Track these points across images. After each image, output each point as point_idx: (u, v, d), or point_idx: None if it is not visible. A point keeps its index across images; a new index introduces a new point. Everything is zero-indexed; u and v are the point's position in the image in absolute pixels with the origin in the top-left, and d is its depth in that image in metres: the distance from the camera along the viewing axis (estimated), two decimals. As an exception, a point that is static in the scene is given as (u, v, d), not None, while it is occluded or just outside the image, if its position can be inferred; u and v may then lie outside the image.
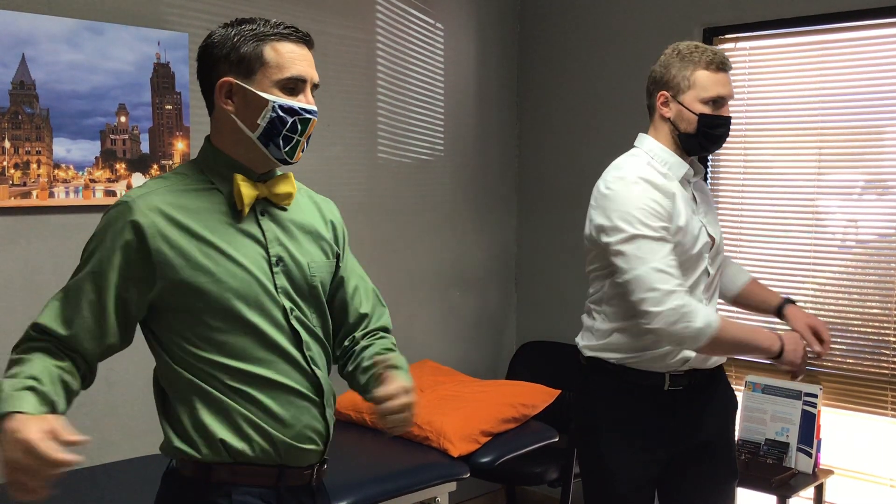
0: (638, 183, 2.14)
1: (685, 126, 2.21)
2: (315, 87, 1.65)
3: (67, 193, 2.77)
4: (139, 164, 2.92)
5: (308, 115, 1.62)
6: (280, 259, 1.65)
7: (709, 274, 2.26)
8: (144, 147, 2.93)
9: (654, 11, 3.67)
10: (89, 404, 2.86)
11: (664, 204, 2.13)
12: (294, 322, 1.65)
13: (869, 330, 3.20)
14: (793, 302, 2.39)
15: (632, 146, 2.34)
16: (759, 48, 3.45)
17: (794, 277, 3.36)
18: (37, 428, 1.35)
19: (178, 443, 1.59)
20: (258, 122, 1.58)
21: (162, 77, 2.94)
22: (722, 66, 2.19)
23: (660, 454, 2.28)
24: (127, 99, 2.87)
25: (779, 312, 2.38)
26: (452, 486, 2.94)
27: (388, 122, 3.69)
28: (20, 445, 1.35)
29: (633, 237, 2.09)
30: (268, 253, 1.64)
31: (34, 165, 2.69)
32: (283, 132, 1.59)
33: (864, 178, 3.22)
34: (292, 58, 1.59)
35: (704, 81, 2.18)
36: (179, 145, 3.00)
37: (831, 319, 3.28)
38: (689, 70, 2.19)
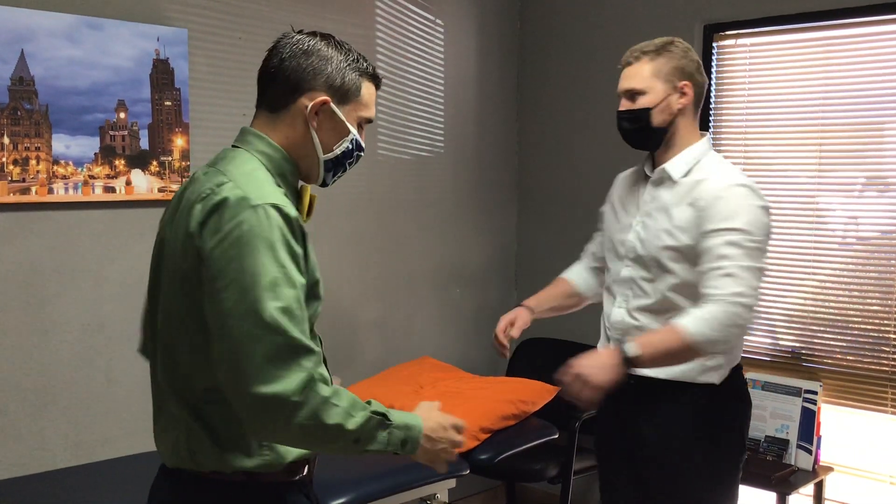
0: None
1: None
2: None
3: (67, 190, 2.76)
4: (138, 160, 2.91)
5: (363, 154, 1.71)
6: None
7: (621, 275, 2.30)
8: (144, 143, 2.92)
9: (655, 9, 3.66)
10: (89, 400, 2.86)
11: (608, 196, 2.43)
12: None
13: (869, 327, 3.20)
14: (621, 349, 2.10)
15: None
16: (760, 45, 3.44)
17: (795, 274, 3.36)
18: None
19: (258, 450, 1.57)
20: (334, 147, 1.64)
21: (161, 73, 2.93)
22: (621, 63, 2.26)
23: (620, 438, 2.34)
24: (126, 95, 2.86)
25: None
26: (452, 482, 2.94)
27: (388, 118, 3.69)
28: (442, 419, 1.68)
29: None
30: None
31: (33, 161, 2.69)
32: (346, 163, 1.68)
33: (865, 175, 3.22)
34: (373, 100, 1.69)
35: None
36: (179, 141, 3.00)
37: (832, 316, 3.28)
38: None
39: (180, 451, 1.58)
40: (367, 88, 1.66)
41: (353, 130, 1.65)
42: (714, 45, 3.54)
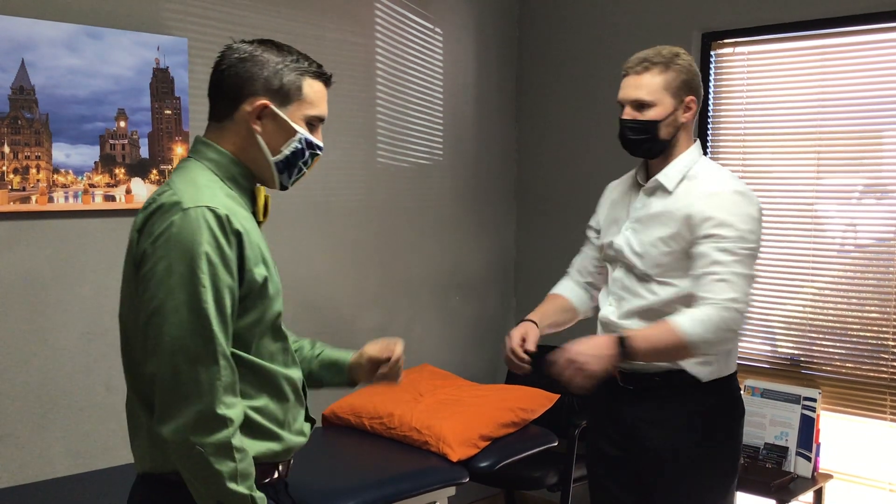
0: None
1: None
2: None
3: (67, 198, 2.77)
4: (138, 169, 2.92)
5: (319, 152, 1.71)
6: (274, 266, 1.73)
7: (612, 276, 2.36)
8: (144, 152, 2.93)
9: (653, 16, 3.68)
10: (89, 408, 2.86)
11: (599, 204, 2.47)
12: (283, 327, 1.72)
13: (868, 334, 3.20)
14: (619, 339, 2.13)
15: None
16: (758, 53, 3.45)
17: (793, 281, 3.37)
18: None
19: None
20: (282, 149, 1.65)
21: (161, 82, 2.94)
22: (624, 70, 2.25)
23: (616, 443, 2.35)
24: (126, 104, 2.87)
25: None
26: (452, 490, 2.94)
27: (387, 126, 3.70)
28: None
29: None
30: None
31: (33, 170, 2.69)
32: (299, 164, 1.68)
33: (863, 182, 3.22)
34: (321, 97, 1.69)
35: (620, 88, 2.27)
36: (179, 150, 3.01)
37: (830, 323, 3.28)
38: None
39: (145, 455, 1.62)
40: (311, 86, 1.66)
41: (301, 130, 1.65)
42: (712, 53, 3.55)
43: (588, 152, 3.91)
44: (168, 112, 2.97)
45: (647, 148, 2.23)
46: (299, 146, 1.66)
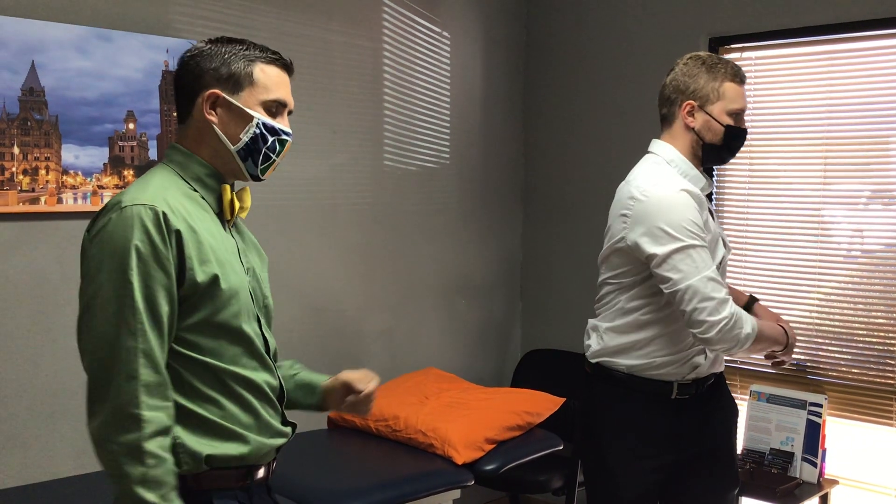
0: (681, 193, 2.16)
1: (711, 137, 2.24)
2: (290, 112, 1.73)
3: (76, 199, 2.78)
4: (147, 170, 2.93)
5: (286, 137, 1.70)
6: (251, 269, 1.73)
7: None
8: (153, 154, 2.94)
9: (660, 21, 3.68)
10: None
11: (702, 214, 2.18)
12: (264, 331, 1.73)
13: (874, 340, 3.20)
14: (757, 300, 2.47)
15: (637, 155, 2.35)
16: (765, 58, 3.45)
17: (800, 287, 3.36)
18: None
19: (180, 456, 1.58)
20: (241, 136, 1.65)
21: (170, 84, 2.94)
22: (744, 78, 2.26)
23: (664, 461, 2.29)
24: (135, 106, 2.89)
25: (748, 308, 2.40)
26: (457, 493, 2.94)
27: (395, 129, 3.71)
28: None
29: (686, 247, 2.11)
30: (242, 263, 1.70)
31: (43, 171, 2.71)
32: (264, 150, 1.67)
33: (870, 188, 3.22)
34: (277, 82, 1.68)
35: (732, 93, 2.22)
36: (187, 152, 3.02)
37: (837, 329, 3.28)
38: (718, 81, 2.21)
39: None
40: (263, 71, 1.65)
41: (257, 115, 1.65)
42: (719, 58, 3.55)
43: (595, 156, 3.91)
44: (176, 114, 2.98)
45: None
46: (258, 131, 1.65)
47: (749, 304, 2.43)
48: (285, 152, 1.71)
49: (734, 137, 2.24)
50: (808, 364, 3.36)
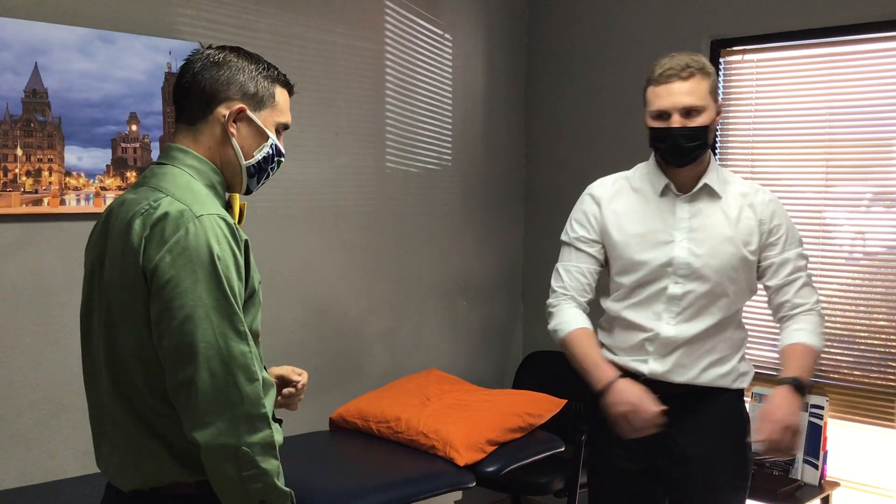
0: (584, 195, 2.44)
1: (650, 139, 2.26)
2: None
3: (78, 201, 2.79)
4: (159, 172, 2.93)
5: (283, 160, 1.76)
6: None
7: (667, 292, 2.27)
8: (155, 155, 2.95)
9: (662, 23, 3.68)
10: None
11: (594, 214, 2.37)
12: None
13: (876, 342, 3.20)
14: (796, 386, 2.16)
15: (638, 157, 2.36)
16: (767, 60, 3.46)
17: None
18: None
19: (173, 464, 1.57)
20: (254, 153, 1.68)
21: (173, 86, 2.96)
22: (664, 78, 2.18)
23: (642, 459, 2.32)
24: (138, 107, 2.89)
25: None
26: (458, 495, 2.94)
27: (397, 131, 3.71)
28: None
29: (561, 242, 2.45)
30: None
31: (46, 173, 2.71)
32: (268, 169, 1.72)
33: (872, 190, 3.22)
34: (288, 106, 1.74)
35: (650, 96, 2.22)
36: (189, 154, 3.02)
37: (838, 331, 3.28)
38: (646, 86, 2.24)
39: (130, 471, 1.58)
40: (281, 94, 1.71)
41: (272, 135, 1.69)
42: (721, 60, 3.55)
43: (597, 157, 3.91)
44: (180, 114, 2.98)
45: (697, 155, 2.21)
46: (270, 151, 1.70)
47: (780, 382, 2.21)
48: (277, 171, 1.76)
49: (657, 139, 2.22)
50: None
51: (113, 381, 1.59)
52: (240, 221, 1.71)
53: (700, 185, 2.26)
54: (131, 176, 2.90)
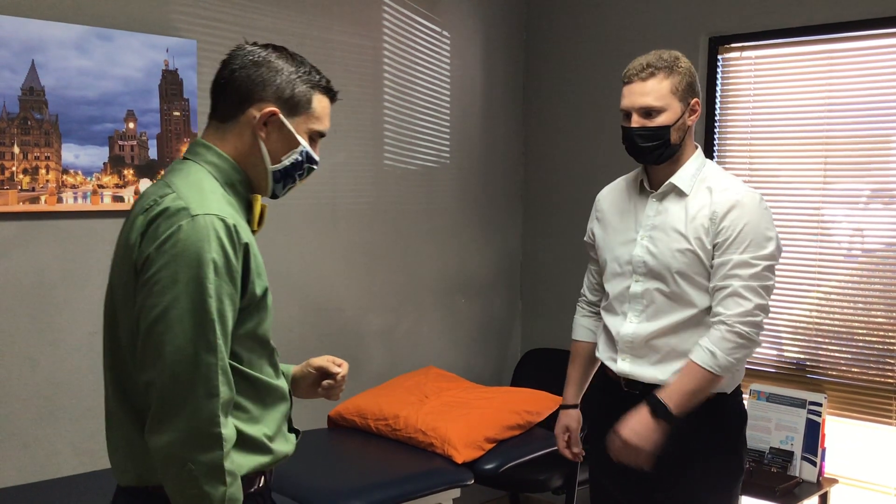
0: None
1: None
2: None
3: (76, 199, 2.78)
4: (147, 170, 2.94)
5: (315, 167, 1.70)
6: None
7: (629, 290, 2.29)
8: (152, 153, 2.94)
9: (660, 21, 3.68)
10: (97, 408, 2.87)
11: (591, 218, 2.47)
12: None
13: (874, 339, 3.20)
14: (652, 406, 2.16)
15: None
16: (765, 57, 3.46)
17: (800, 286, 3.37)
18: None
19: None
20: (283, 158, 1.63)
21: (170, 83, 2.96)
22: (627, 78, 2.22)
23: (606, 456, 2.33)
24: (135, 105, 2.89)
25: None
26: (456, 492, 2.94)
27: (395, 129, 3.71)
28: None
29: None
30: None
31: (43, 171, 2.71)
32: (295, 175, 1.66)
33: (870, 187, 3.22)
34: (327, 113, 1.68)
35: (621, 96, 2.25)
36: (187, 151, 3.02)
37: (836, 328, 3.28)
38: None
39: (128, 467, 1.57)
40: (319, 101, 1.65)
41: (303, 142, 1.64)
42: (719, 57, 3.55)
43: (595, 155, 3.91)
44: (177, 114, 2.99)
45: (659, 154, 2.21)
46: (299, 158, 1.65)
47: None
48: (307, 177, 1.70)
49: (623, 139, 2.27)
50: (808, 363, 3.36)
51: (113, 378, 1.59)
52: (259, 223, 1.67)
53: (666, 183, 2.26)
54: (128, 174, 2.90)
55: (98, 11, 2.80)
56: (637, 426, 2.14)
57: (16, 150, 2.66)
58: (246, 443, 1.55)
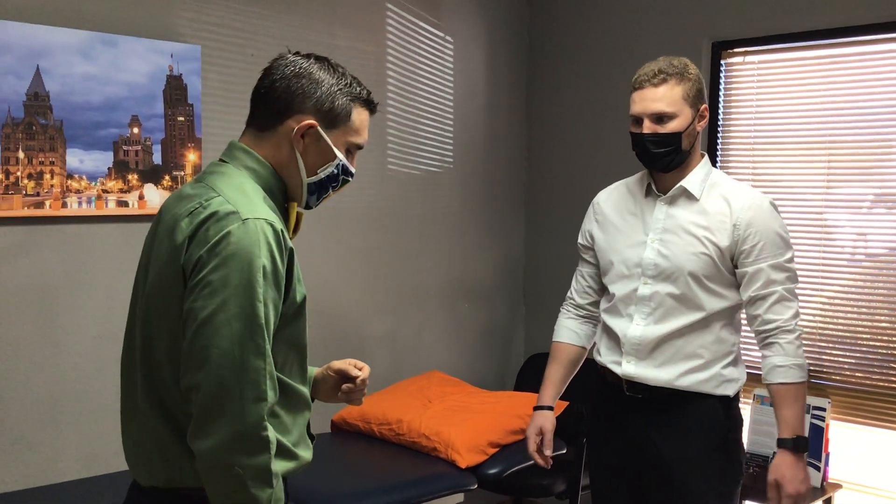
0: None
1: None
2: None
3: (80, 203, 2.79)
4: (151, 175, 2.94)
5: (350, 179, 1.70)
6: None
7: (637, 293, 2.30)
8: (157, 158, 2.95)
9: (663, 25, 3.69)
10: (100, 412, 2.88)
11: (589, 220, 2.50)
12: None
13: (878, 343, 3.20)
14: (794, 447, 2.20)
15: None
16: (768, 62, 3.46)
17: (803, 291, 3.36)
18: None
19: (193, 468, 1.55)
20: (319, 171, 1.64)
21: (174, 89, 2.97)
22: (638, 84, 2.23)
23: (628, 458, 2.35)
24: (140, 110, 2.90)
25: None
26: (460, 497, 2.94)
27: (398, 133, 3.71)
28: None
29: None
30: None
31: (47, 176, 2.72)
32: (329, 187, 1.66)
33: (873, 191, 3.22)
34: (366, 126, 1.68)
35: (630, 102, 2.26)
36: (191, 157, 3.03)
37: (840, 333, 3.28)
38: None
39: (156, 470, 1.56)
40: (359, 114, 1.65)
41: (340, 155, 1.64)
42: (722, 62, 3.55)
43: (598, 160, 3.91)
44: (181, 119, 3.00)
45: (670, 161, 2.22)
46: (335, 171, 1.65)
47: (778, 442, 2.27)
48: (341, 189, 1.70)
49: (633, 144, 2.27)
50: (812, 368, 3.36)
51: (146, 380, 1.58)
52: (296, 230, 1.67)
53: (676, 187, 2.27)
54: (133, 179, 2.90)
55: (103, 17, 2.81)
56: (795, 473, 2.18)
57: (21, 154, 2.67)
58: (279, 449, 1.55)
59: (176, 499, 1.57)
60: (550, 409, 2.51)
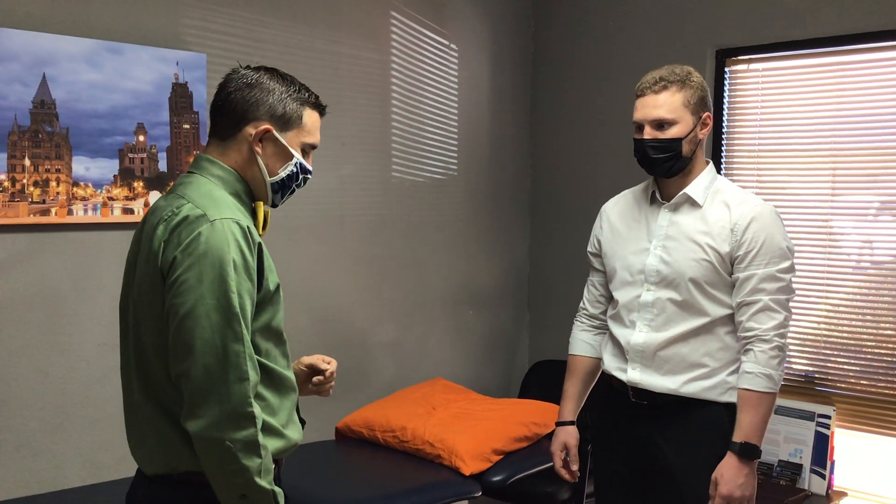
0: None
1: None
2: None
3: (86, 211, 2.80)
4: (157, 182, 2.95)
5: (309, 176, 1.85)
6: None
7: (639, 299, 2.31)
8: (162, 166, 2.96)
9: (667, 33, 3.69)
10: (105, 419, 2.88)
11: (598, 227, 2.51)
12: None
13: (883, 351, 3.19)
14: (741, 452, 2.18)
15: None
16: (772, 69, 3.46)
17: (808, 298, 3.36)
18: None
19: (192, 453, 1.67)
20: (279, 171, 1.79)
21: (180, 97, 2.98)
22: (640, 91, 2.25)
23: (634, 465, 2.35)
24: (145, 118, 2.91)
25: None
26: (464, 504, 2.94)
27: (403, 141, 3.72)
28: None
29: None
30: None
31: (53, 183, 2.73)
32: (293, 185, 1.82)
33: (879, 199, 3.22)
34: (317, 127, 1.84)
35: (634, 109, 2.27)
36: (196, 164, 3.04)
37: (845, 340, 3.27)
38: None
39: (157, 458, 1.70)
40: (310, 116, 1.80)
41: (297, 155, 1.79)
42: (726, 69, 3.56)
43: (602, 167, 3.92)
44: (186, 126, 3.01)
45: (670, 166, 2.24)
46: (294, 170, 1.79)
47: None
48: (304, 186, 1.85)
49: (635, 150, 2.29)
50: (817, 375, 3.35)
51: (140, 376, 1.71)
52: (264, 227, 1.81)
53: (680, 194, 2.28)
54: (138, 186, 2.91)
55: (108, 25, 2.82)
56: (733, 477, 2.17)
57: (27, 162, 2.68)
58: (266, 429, 1.68)
59: (177, 483, 1.70)
60: (573, 423, 2.53)
